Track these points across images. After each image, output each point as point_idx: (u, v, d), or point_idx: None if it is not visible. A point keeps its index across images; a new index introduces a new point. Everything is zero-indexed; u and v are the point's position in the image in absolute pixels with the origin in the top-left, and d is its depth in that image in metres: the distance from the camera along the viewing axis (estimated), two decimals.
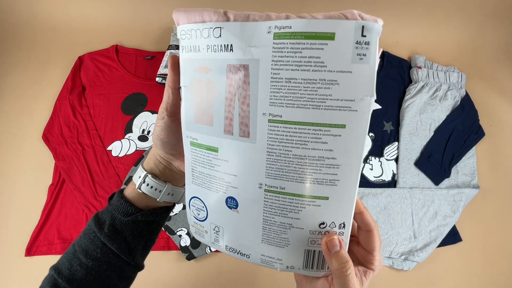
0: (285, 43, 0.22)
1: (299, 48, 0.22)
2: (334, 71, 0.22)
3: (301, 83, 0.22)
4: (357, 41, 0.21)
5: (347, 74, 0.22)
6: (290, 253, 0.28)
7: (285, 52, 0.22)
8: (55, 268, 0.32)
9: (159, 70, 0.84)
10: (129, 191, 0.34)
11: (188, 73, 0.26)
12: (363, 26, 0.21)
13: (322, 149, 0.24)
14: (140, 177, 0.33)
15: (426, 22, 0.97)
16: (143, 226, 0.33)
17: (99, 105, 0.83)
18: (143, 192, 0.33)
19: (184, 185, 0.36)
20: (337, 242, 0.26)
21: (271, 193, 0.26)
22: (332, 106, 0.23)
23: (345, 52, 0.21)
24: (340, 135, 0.23)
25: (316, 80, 0.22)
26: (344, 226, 0.26)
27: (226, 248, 0.31)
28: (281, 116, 0.24)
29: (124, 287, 0.35)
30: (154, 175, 0.33)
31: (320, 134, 0.23)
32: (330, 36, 0.21)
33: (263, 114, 0.24)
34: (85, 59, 0.89)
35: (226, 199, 0.28)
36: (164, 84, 0.83)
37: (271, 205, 0.27)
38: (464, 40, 0.99)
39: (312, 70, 0.22)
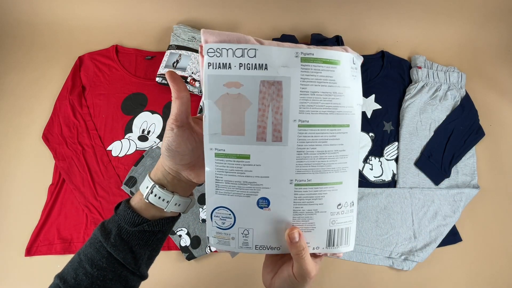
0: (310, 65, 0.29)
1: (319, 69, 0.29)
2: (341, 86, 0.30)
3: (321, 95, 0.29)
4: (351, 66, 0.31)
5: (348, 88, 0.30)
6: (316, 235, 0.32)
7: (310, 72, 0.29)
8: (60, 277, 0.32)
9: (159, 70, 0.84)
10: (135, 201, 0.34)
11: (214, 88, 0.29)
12: (353, 57, 0.31)
13: (337, 144, 0.31)
14: (147, 187, 0.33)
15: (426, 22, 0.97)
16: (149, 236, 0.34)
17: (99, 105, 0.83)
18: (150, 203, 0.33)
19: (191, 195, 0.37)
20: (297, 234, 0.31)
21: (300, 186, 0.31)
22: (341, 112, 0.30)
23: (346, 73, 0.30)
24: (347, 132, 0.31)
25: (331, 93, 0.30)
26: (353, 204, 0.33)
27: (256, 247, 0.33)
28: (308, 121, 0.30)
29: None
30: (162, 186, 0.33)
31: (335, 133, 0.30)
32: (337, 62, 0.30)
33: (294, 120, 0.29)
34: (85, 59, 0.89)
35: (258, 201, 0.31)
36: (164, 84, 0.84)
37: (300, 196, 0.31)
38: (464, 40, 0.99)
39: (328, 86, 0.30)
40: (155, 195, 0.33)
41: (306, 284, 0.31)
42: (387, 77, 0.91)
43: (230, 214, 0.32)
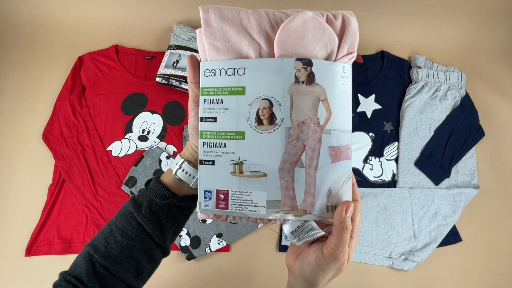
0: None
1: None
2: None
3: None
4: None
5: None
6: None
7: None
8: (91, 245, 0.34)
9: (159, 70, 0.84)
10: (165, 177, 0.37)
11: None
12: None
13: None
14: (177, 164, 0.36)
15: (426, 22, 0.97)
16: (176, 211, 0.36)
17: (99, 105, 0.83)
18: (178, 178, 0.36)
19: None
20: (346, 208, 0.30)
21: None
22: None
23: None
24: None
25: None
26: None
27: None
28: None
29: (151, 271, 0.37)
30: (190, 163, 0.36)
31: None
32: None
33: None
34: (85, 59, 0.89)
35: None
36: (164, 84, 0.83)
37: None
38: (464, 40, 0.99)
39: None
40: (183, 170, 0.36)
41: (333, 267, 0.29)
42: (387, 77, 0.91)
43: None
